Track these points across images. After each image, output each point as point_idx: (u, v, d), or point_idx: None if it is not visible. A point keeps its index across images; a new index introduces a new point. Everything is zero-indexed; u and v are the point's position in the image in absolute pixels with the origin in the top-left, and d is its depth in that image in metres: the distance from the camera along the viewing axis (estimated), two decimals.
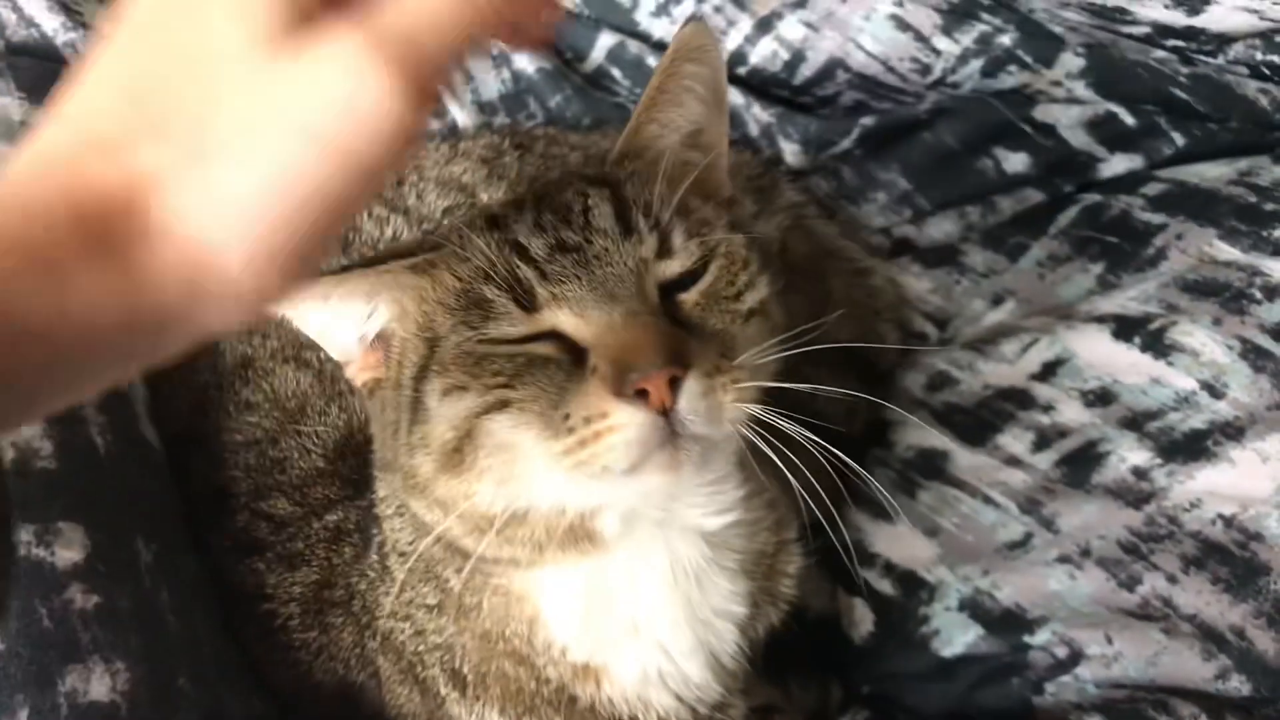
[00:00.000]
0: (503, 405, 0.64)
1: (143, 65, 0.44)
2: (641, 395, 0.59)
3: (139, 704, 0.73)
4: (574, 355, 0.64)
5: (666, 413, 0.60)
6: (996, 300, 1.25)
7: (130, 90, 0.44)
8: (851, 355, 1.12)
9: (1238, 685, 0.85)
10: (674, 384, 0.59)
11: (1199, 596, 0.89)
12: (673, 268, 0.68)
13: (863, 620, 1.02)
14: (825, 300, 1.23)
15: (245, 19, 0.42)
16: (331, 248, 0.55)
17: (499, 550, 0.69)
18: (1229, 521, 0.92)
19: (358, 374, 0.74)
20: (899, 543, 1.04)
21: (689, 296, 0.68)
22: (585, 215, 0.69)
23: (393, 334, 0.72)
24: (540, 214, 0.69)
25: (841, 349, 1.04)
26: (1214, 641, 0.87)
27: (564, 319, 0.65)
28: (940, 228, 1.35)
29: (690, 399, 0.60)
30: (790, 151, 1.40)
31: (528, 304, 0.66)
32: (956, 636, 0.96)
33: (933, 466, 1.09)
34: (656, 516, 0.72)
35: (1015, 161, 1.32)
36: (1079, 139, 1.30)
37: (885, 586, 1.02)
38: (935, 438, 1.11)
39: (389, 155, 0.43)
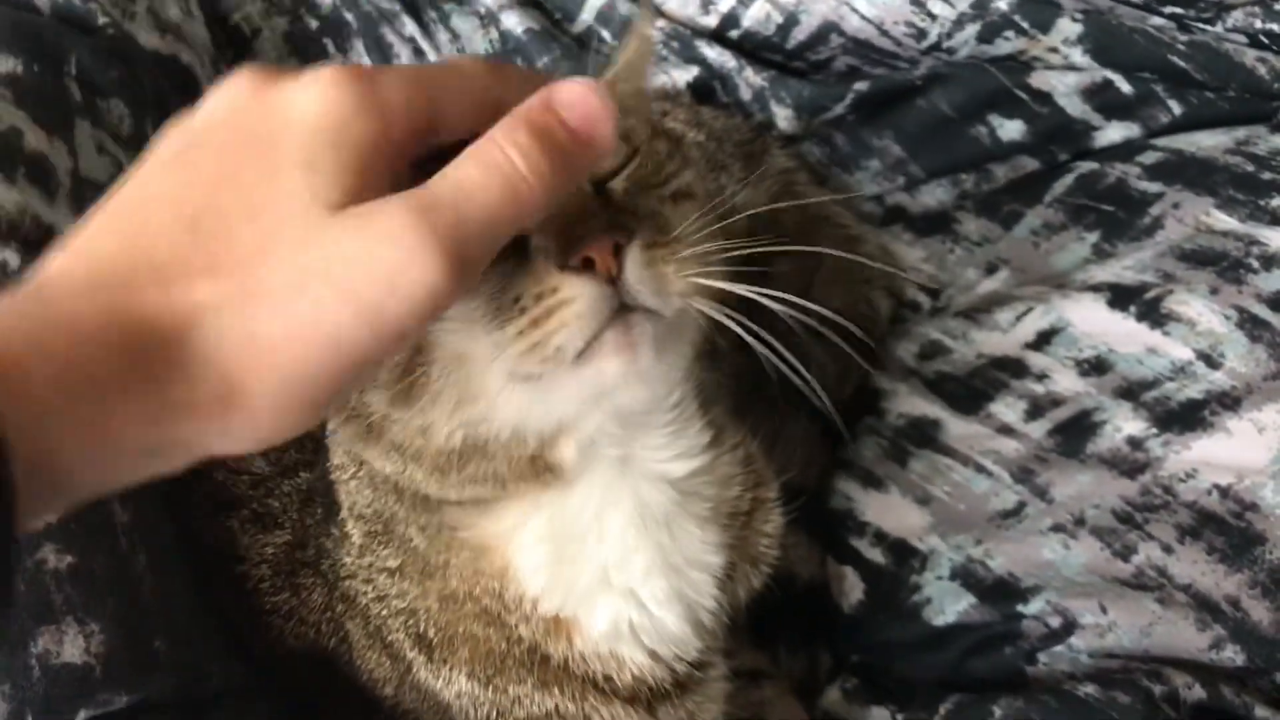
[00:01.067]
0: None
1: (205, 197, 0.46)
2: (588, 266, 0.58)
3: (114, 666, 0.72)
4: (515, 244, 0.61)
5: (614, 281, 0.59)
6: (990, 269, 1.23)
7: (191, 220, 0.45)
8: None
9: (1232, 655, 0.84)
10: (618, 253, 0.59)
11: (1194, 566, 0.89)
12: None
13: (853, 589, 1.01)
14: (815, 268, 1.21)
15: (315, 175, 0.45)
16: (349, 395, 0.60)
17: (462, 491, 0.68)
18: (1225, 491, 0.91)
19: None
20: (890, 511, 1.03)
21: (617, 184, 0.67)
22: None
23: None
24: None
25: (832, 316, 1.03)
26: (1209, 611, 0.86)
27: None
28: (934, 195, 1.33)
29: (635, 267, 0.59)
30: (782, 116, 1.38)
31: None
32: (948, 605, 0.95)
33: (924, 435, 1.08)
34: (617, 454, 0.71)
35: (1010, 129, 1.30)
36: (1075, 106, 1.28)
37: (876, 555, 1.01)
38: (927, 406, 1.10)
39: (420, 322, 0.46)
